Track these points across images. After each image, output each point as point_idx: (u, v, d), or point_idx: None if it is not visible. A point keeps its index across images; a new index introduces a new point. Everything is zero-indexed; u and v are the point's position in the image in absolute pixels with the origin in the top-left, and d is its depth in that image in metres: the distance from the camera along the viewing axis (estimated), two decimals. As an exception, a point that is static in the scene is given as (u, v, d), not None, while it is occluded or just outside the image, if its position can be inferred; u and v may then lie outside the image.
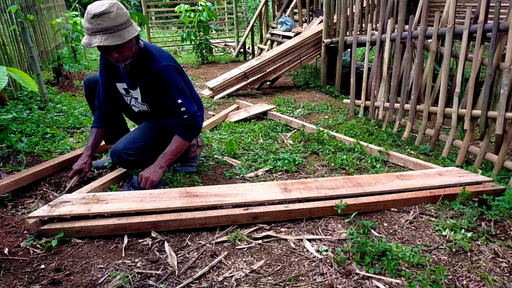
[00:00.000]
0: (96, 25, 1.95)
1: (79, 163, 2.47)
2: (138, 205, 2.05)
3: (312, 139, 3.45)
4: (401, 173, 2.53)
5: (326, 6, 5.27)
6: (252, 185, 2.37)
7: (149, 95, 2.40)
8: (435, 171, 2.55)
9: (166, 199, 2.12)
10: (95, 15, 1.94)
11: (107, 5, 1.96)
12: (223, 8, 11.28)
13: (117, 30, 1.98)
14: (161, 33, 11.72)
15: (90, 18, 1.95)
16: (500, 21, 2.82)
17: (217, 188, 2.29)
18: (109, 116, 2.63)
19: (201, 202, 2.10)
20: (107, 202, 2.08)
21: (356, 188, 2.28)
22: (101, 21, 1.94)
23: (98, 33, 1.96)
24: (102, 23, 1.94)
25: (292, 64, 5.66)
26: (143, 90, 2.37)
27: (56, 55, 6.26)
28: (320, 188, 2.28)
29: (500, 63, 2.84)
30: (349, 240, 1.91)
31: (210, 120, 3.88)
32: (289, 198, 2.19)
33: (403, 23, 3.75)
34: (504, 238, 1.93)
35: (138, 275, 1.69)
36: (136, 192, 2.22)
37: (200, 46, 7.62)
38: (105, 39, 1.95)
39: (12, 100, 4.10)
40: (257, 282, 1.65)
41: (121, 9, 1.99)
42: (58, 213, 1.97)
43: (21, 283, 1.63)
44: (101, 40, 1.95)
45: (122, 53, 2.09)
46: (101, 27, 1.95)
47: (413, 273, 1.66)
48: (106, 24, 1.95)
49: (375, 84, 4.07)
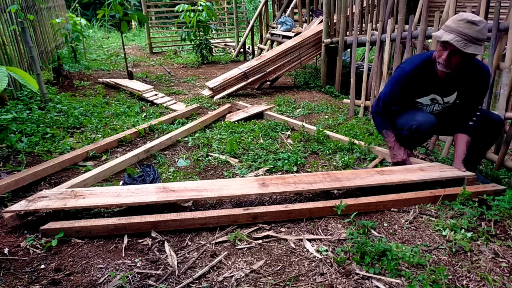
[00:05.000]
0: (457, 27, 2.15)
1: (403, 154, 2.65)
2: (113, 199, 2.09)
3: (312, 139, 3.46)
4: (382, 169, 2.54)
5: (326, 6, 5.27)
6: (230, 180, 2.39)
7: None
8: (417, 166, 2.55)
9: (142, 194, 2.15)
10: (464, 19, 2.14)
11: (479, 19, 2.16)
12: (223, 8, 11.28)
13: (472, 42, 2.15)
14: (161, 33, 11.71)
15: (458, 20, 2.15)
16: (500, 21, 2.82)
17: (195, 183, 2.32)
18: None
19: (177, 196, 2.13)
20: (84, 197, 2.11)
21: (334, 183, 2.30)
22: (464, 26, 2.13)
23: (454, 33, 2.16)
24: (464, 28, 2.13)
25: (292, 64, 5.66)
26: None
27: (56, 55, 6.26)
28: (298, 183, 2.30)
29: (500, 63, 2.84)
30: (349, 240, 1.91)
31: (201, 120, 3.91)
32: (265, 192, 2.21)
33: (403, 23, 3.75)
34: (504, 238, 1.93)
35: (138, 275, 1.69)
36: (113, 188, 2.26)
37: (200, 46, 7.62)
38: (456, 40, 2.15)
39: (12, 100, 4.10)
40: (257, 282, 1.65)
41: (485, 30, 2.17)
42: (34, 208, 2.01)
43: (21, 283, 1.63)
44: (452, 39, 2.15)
45: (460, 61, 2.25)
46: (460, 31, 2.14)
47: (413, 273, 1.66)
48: (467, 31, 2.13)
49: (375, 84, 4.07)
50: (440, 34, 2.22)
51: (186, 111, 4.26)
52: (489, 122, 2.48)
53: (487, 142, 2.58)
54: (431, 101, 2.58)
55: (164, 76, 6.54)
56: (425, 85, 2.50)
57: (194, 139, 3.46)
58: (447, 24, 2.22)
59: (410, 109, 2.63)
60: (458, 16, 2.18)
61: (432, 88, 2.51)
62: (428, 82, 2.48)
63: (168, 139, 3.34)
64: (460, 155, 2.48)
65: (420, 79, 2.47)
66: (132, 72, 6.21)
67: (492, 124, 2.48)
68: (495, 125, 2.49)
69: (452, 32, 2.17)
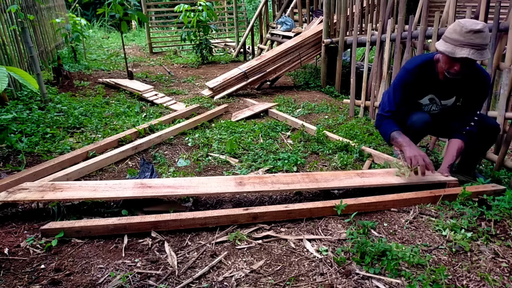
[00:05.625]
0: (468, 39, 2.14)
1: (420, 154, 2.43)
2: (90, 194, 2.12)
3: (312, 139, 3.45)
4: (362, 171, 2.54)
5: (326, 6, 5.27)
6: (208, 178, 2.41)
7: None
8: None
9: (119, 189, 2.17)
10: (472, 30, 2.12)
11: (481, 25, 2.15)
12: (223, 8, 11.27)
13: (483, 49, 2.17)
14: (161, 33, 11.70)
15: (465, 32, 2.14)
16: (500, 21, 2.82)
17: (172, 180, 2.34)
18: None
19: (152, 192, 2.15)
20: (62, 191, 2.14)
21: (311, 184, 2.30)
22: (474, 37, 2.12)
23: (467, 47, 2.14)
24: (475, 39, 2.13)
25: (292, 64, 5.66)
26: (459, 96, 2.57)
27: (56, 55, 6.26)
28: (275, 183, 2.31)
29: (500, 63, 2.84)
30: (349, 240, 1.91)
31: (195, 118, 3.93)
32: (241, 191, 2.22)
33: (403, 23, 3.75)
34: (504, 238, 1.93)
35: (138, 275, 1.69)
36: (92, 182, 2.30)
37: (200, 46, 7.61)
38: (472, 53, 2.13)
39: (12, 100, 4.10)
40: (257, 282, 1.65)
41: (488, 32, 2.19)
42: (13, 199, 2.06)
43: (21, 283, 1.63)
44: (469, 53, 2.13)
45: (467, 69, 2.26)
46: (472, 42, 2.13)
47: (413, 273, 1.66)
48: (478, 41, 2.13)
49: (375, 84, 4.07)
50: (451, 50, 2.17)
51: (186, 111, 4.26)
52: (485, 128, 2.48)
53: (482, 147, 2.58)
54: (430, 101, 2.58)
55: (164, 76, 6.54)
56: (425, 85, 2.50)
57: (194, 139, 3.46)
58: (454, 38, 2.17)
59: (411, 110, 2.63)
60: (462, 28, 2.14)
61: (431, 89, 2.52)
62: (428, 83, 2.48)
63: (158, 137, 3.38)
64: (448, 160, 2.47)
65: (422, 77, 2.47)
66: (132, 72, 6.21)
67: (487, 130, 2.48)
68: (491, 130, 2.49)
69: (464, 46, 2.14)
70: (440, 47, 2.24)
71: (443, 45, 2.23)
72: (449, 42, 2.21)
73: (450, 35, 2.20)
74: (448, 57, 2.23)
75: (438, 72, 2.44)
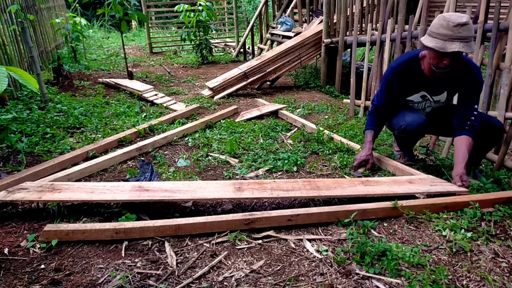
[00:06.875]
0: (457, 33, 2.15)
1: (365, 154, 2.74)
2: (87, 195, 2.12)
3: (312, 139, 3.45)
4: (367, 179, 2.45)
5: (326, 6, 5.27)
6: (206, 182, 2.39)
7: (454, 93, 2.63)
8: (406, 179, 2.45)
9: (117, 191, 2.16)
10: (459, 24, 2.14)
11: (466, 17, 2.17)
12: (223, 8, 11.27)
13: (470, 41, 2.19)
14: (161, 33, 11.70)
15: (453, 26, 2.15)
16: (500, 21, 2.82)
17: (170, 183, 2.32)
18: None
19: (149, 196, 2.14)
20: (60, 191, 2.14)
21: (312, 191, 2.22)
22: (462, 30, 2.15)
23: (457, 40, 2.16)
24: (463, 32, 2.15)
25: (292, 64, 5.66)
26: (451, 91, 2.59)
27: (56, 55, 6.26)
28: (275, 189, 2.24)
29: (500, 63, 2.84)
30: (349, 240, 1.91)
31: (203, 120, 3.91)
32: (239, 197, 2.19)
33: (403, 23, 3.75)
34: (504, 238, 1.93)
35: (138, 275, 1.69)
36: (91, 184, 2.30)
37: (200, 46, 7.61)
38: (462, 46, 2.15)
39: (12, 100, 4.10)
40: (257, 282, 1.65)
41: (472, 23, 2.21)
42: (11, 199, 2.06)
43: (21, 283, 1.63)
44: (460, 47, 2.15)
45: (454, 62, 2.28)
46: (461, 36, 2.16)
47: (413, 273, 1.66)
48: (466, 33, 2.16)
49: (375, 84, 4.07)
50: (441, 45, 2.18)
51: (186, 111, 4.26)
52: (488, 127, 2.46)
53: (485, 146, 2.57)
54: (422, 98, 2.58)
55: (164, 76, 6.54)
56: (413, 83, 2.51)
57: (194, 139, 3.46)
58: (442, 33, 2.17)
59: (403, 110, 2.65)
60: (449, 22, 2.15)
61: (420, 86, 2.52)
62: (416, 80, 2.48)
63: (164, 138, 3.36)
64: (461, 160, 2.37)
65: (407, 75, 2.48)
66: (132, 72, 6.21)
67: (491, 129, 2.47)
68: (495, 130, 2.47)
69: (454, 40, 2.15)
70: (428, 43, 2.23)
71: (431, 41, 2.23)
72: (437, 37, 2.20)
73: (437, 30, 2.20)
74: (436, 52, 2.23)
75: (425, 68, 2.44)
